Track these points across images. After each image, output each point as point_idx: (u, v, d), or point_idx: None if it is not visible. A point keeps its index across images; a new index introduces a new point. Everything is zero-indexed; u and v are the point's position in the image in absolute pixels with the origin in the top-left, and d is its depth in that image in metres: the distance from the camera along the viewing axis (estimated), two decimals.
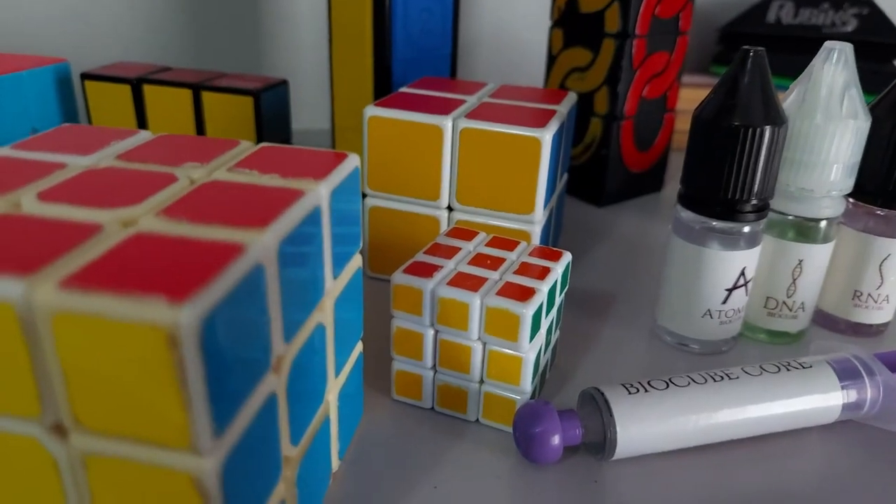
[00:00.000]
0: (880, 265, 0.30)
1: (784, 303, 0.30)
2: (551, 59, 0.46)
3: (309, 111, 0.59)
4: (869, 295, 0.31)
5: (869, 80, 0.54)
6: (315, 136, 0.56)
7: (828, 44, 0.28)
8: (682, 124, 0.55)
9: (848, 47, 0.28)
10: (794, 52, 0.57)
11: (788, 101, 0.29)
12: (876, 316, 0.31)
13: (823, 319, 0.33)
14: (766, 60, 0.27)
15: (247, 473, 0.15)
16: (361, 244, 0.22)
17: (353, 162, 0.20)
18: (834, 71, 0.28)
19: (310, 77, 0.59)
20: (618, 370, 0.29)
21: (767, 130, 0.26)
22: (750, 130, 0.26)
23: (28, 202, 0.16)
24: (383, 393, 0.26)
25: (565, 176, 0.38)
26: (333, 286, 0.20)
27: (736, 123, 0.26)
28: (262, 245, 0.15)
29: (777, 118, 0.26)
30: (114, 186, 0.17)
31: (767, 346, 0.31)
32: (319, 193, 0.18)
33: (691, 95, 0.56)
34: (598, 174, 0.45)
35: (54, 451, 0.14)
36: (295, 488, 0.18)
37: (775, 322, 0.31)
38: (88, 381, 0.13)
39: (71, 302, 0.13)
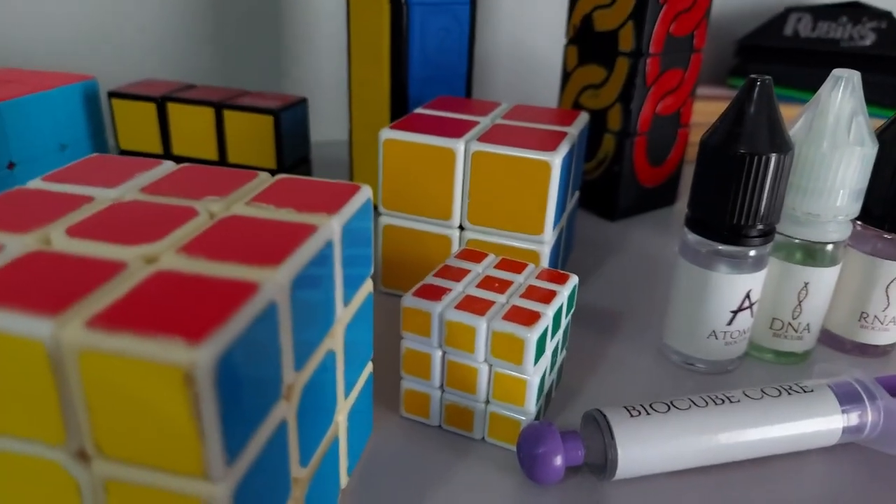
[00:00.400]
0: (887, 287, 0.31)
1: (789, 324, 0.30)
2: (566, 76, 0.46)
3: (328, 123, 0.60)
4: (875, 317, 0.31)
5: (887, 93, 0.54)
6: (333, 147, 0.57)
7: (836, 72, 0.28)
8: (697, 137, 0.55)
9: (856, 75, 0.28)
10: (812, 66, 0.57)
11: (796, 127, 0.29)
12: (882, 337, 0.32)
13: (830, 340, 0.33)
14: (773, 89, 0.27)
15: (257, 497, 0.16)
16: (373, 268, 0.23)
17: (364, 193, 0.21)
18: (841, 98, 0.28)
19: (329, 90, 0.60)
20: (623, 389, 0.29)
21: (773, 158, 0.27)
22: (756, 158, 0.27)
23: (57, 238, 0.17)
24: (393, 410, 0.27)
25: (577, 194, 0.38)
26: (344, 312, 0.21)
27: (742, 151, 0.27)
28: (275, 283, 0.16)
29: (783, 146, 0.27)
30: (138, 221, 0.19)
31: (773, 365, 0.31)
32: (332, 228, 0.19)
33: (708, 108, 0.56)
34: (610, 189, 0.45)
35: (77, 476, 0.15)
36: None
37: (781, 343, 0.31)
38: (111, 413, 0.14)
39: (96, 341, 0.14)
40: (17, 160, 0.41)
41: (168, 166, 0.23)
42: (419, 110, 0.36)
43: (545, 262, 0.32)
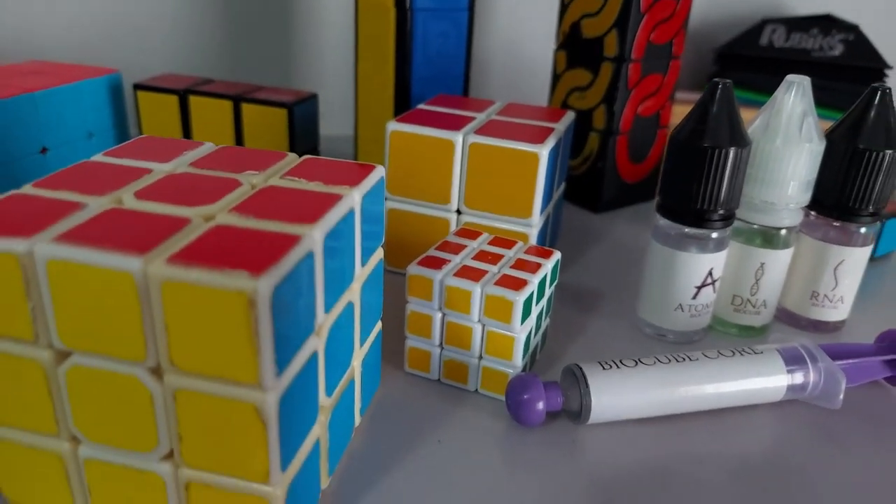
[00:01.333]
0: (835, 269, 0.35)
1: (748, 300, 0.34)
2: (555, 79, 0.50)
3: (334, 119, 0.64)
4: (825, 295, 0.35)
5: (852, 100, 0.58)
6: (339, 142, 0.61)
7: (789, 77, 0.32)
8: None
9: (806, 80, 0.32)
10: (785, 74, 0.61)
11: (754, 125, 0.33)
12: (832, 314, 0.36)
13: (787, 317, 0.37)
14: (733, 91, 0.31)
15: (295, 409, 0.20)
16: (383, 240, 0.27)
17: (379, 172, 0.25)
18: (794, 101, 0.32)
19: (335, 87, 0.64)
20: (600, 355, 0.33)
21: (732, 151, 0.30)
22: (717, 151, 0.30)
23: (128, 200, 0.21)
24: (398, 367, 0.31)
25: (563, 185, 0.42)
26: (361, 273, 0.25)
27: (706, 145, 0.31)
28: (312, 237, 0.19)
29: (741, 140, 0.31)
30: (193, 188, 0.22)
31: (735, 338, 0.35)
32: (354, 198, 0.23)
33: (687, 111, 0.60)
34: (595, 184, 0.49)
35: (151, 388, 0.19)
36: (327, 431, 0.23)
37: (741, 317, 0.35)
38: (184, 333, 0.18)
39: (177, 273, 0.17)
40: (49, 145, 0.44)
41: (209, 146, 0.27)
42: (422, 106, 0.40)
43: (533, 243, 0.36)
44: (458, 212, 0.37)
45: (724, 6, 0.70)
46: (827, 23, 0.61)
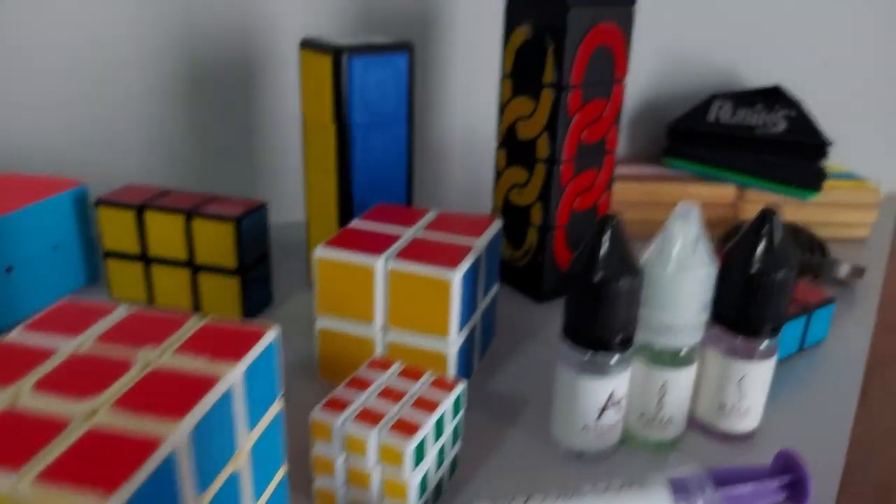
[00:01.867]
0: (739, 382, 0.36)
1: (655, 417, 0.36)
2: (498, 175, 0.53)
3: (296, 207, 0.67)
4: (732, 407, 0.37)
5: (797, 176, 0.60)
6: (295, 228, 0.64)
7: (680, 205, 0.34)
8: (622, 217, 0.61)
9: (696, 209, 0.34)
10: (731, 149, 0.63)
11: (650, 251, 0.35)
12: (740, 425, 0.37)
13: (699, 427, 0.38)
14: (623, 227, 0.33)
15: None
16: (283, 390, 0.29)
17: (269, 337, 0.27)
18: (685, 227, 0.34)
19: (294, 180, 0.67)
20: (510, 479, 0.35)
21: (623, 282, 0.32)
22: (609, 282, 0.32)
23: (25, 394, 0.23)
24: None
25: (493, 289, 0.44)
26: (248, 437, 0.27)
27: (596, 280, 0.32)
28: (176, 436, 0.22)
29: (631, 271, 0.33)
30: (87, 373, 0.25)
31: (652, 452, 0.37)
32: (235, 374, 0.25)
33: (643, 189, 0.62)
34: (535, 276, 0.51)
35: None
36: None
37: (651, 433, 0.36)
38: None
39: (42, 495, 0.19)
40: (15, 263, 0.47)
41: (121, 313, 0.29)
42: (354, 223, 0.42)
43: (453, 360, 0.38)
44: (383, 329, 0.39)
45: (677, 79, 0.71)
46: (772, 98, 0.62)
